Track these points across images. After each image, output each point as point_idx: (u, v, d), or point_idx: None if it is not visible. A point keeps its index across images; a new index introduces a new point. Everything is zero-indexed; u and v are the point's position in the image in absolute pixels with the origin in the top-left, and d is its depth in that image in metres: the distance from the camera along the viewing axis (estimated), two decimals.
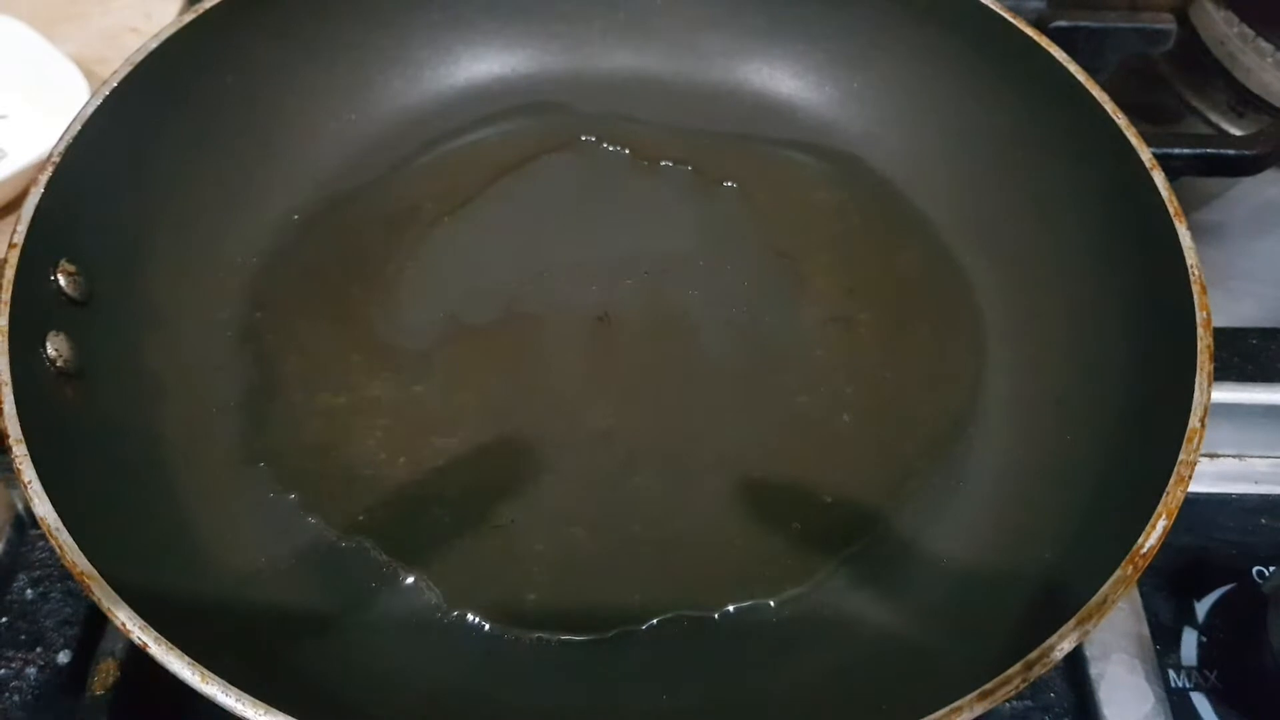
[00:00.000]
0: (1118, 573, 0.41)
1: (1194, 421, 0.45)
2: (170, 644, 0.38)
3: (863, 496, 0.53)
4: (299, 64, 0.64)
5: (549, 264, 0.62)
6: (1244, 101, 0.79)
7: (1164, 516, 0.42)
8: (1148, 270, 0.52)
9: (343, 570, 0.50)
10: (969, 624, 0.46)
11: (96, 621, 0.52)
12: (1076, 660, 0.52)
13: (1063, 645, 0.39)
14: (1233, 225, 0.75)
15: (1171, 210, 0.51)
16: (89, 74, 0.74)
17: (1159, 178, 0.52)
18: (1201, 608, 0.55)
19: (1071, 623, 0.40)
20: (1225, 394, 0.60)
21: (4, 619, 0.53)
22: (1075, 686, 0.52)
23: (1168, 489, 0.43)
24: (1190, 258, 0.50)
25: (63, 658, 0.52)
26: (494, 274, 0.61)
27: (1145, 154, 0.53)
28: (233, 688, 0.37)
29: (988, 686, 0.38)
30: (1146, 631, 0.53)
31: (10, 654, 0.52)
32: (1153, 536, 0.42)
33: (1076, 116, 0.57)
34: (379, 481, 0.53)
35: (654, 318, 0.59)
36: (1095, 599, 0.40)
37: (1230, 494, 0.60)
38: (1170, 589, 0.56)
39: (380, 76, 0.67)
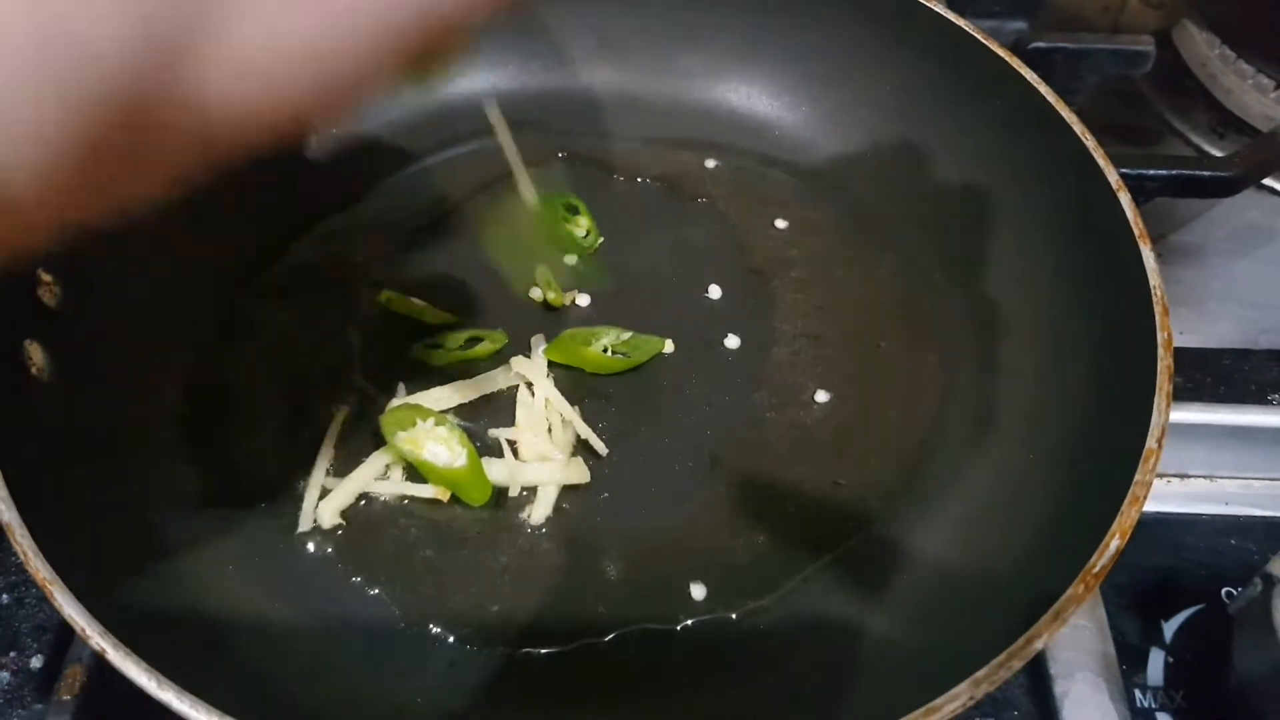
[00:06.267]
0: (1069, 591, 0.41)
1: (1151, 442, 0.45)
2: (128, 649, 0.39)
3: (827, 512, 0.53)
4: None
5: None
6: (1224, 123, 0.80)
7: (1117, 536, 0.42)
8: (1113, 291, 0.52)
9: (308, 582, 0.50)
10: (922, 643, 0.47)
11: (70, 627, 0.52)
12: (1041, 678, 0.52)
13: (1011, 664, 0.39)
14: (1211, 246, 0.75)
15: (1136, 232, 0.51)
16: None
17: (1124, 199, 0.53)
18: (1169, 628, 0.56)
19: (1020, 642, 0.40)
20: (1196, 414, 0.60)
21: None
22: (1039, 704, 0.52)
23: (1122, 509, 0.43)
24: (1153, 279, 0.50)
25: (36, 662, 0.53)
26: (471, 288, 0.62)
27: (1112, 175, 0.54)
28: (187, 694, 0.38)
29: (936, 703, 0.38)
30: (1112, 651, 0.53)
31: None
32: (1105, 556, 0.42)
33: (1047, 138, 0.57)
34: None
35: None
36: (1046, 617, 0.40)
37: (1200, 514, 0.60)
38: (1138, 609, 0.56)
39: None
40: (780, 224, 0.65)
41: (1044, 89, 0.58)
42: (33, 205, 0.23)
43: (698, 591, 0.51)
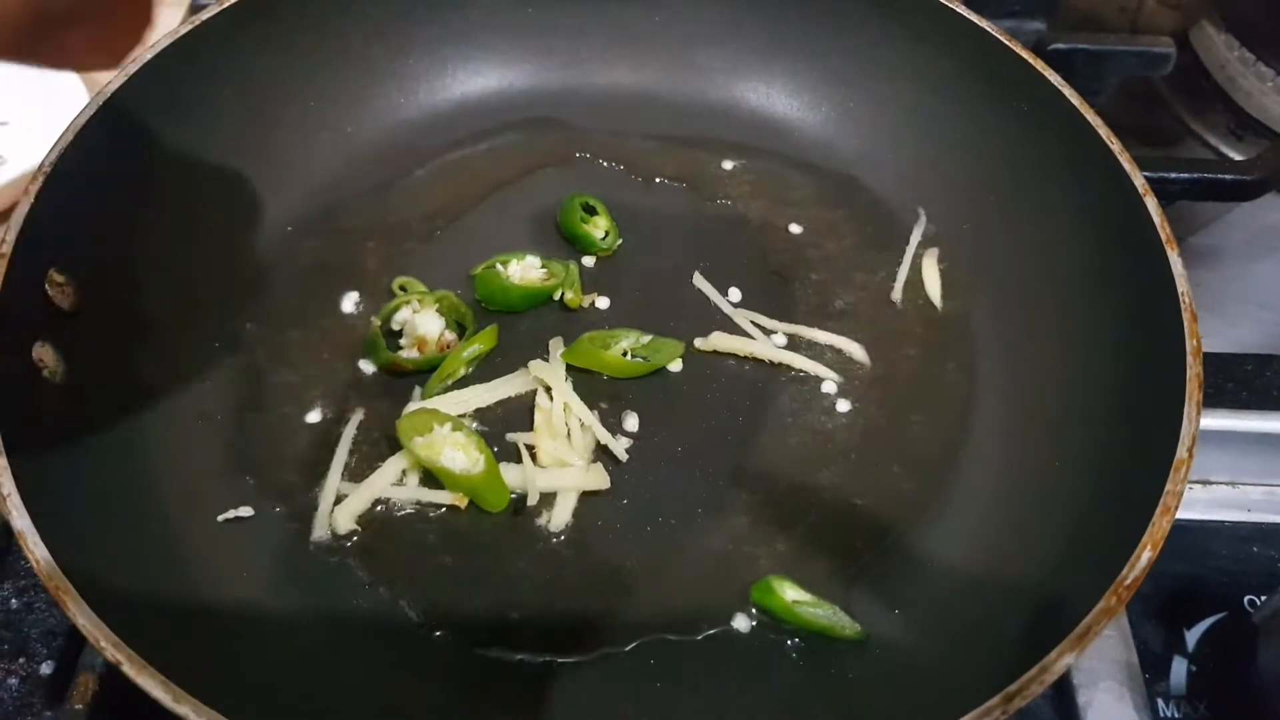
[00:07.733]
0: (1100, 604, 0.40)
1: (1181, 451, 0.44)
2: (144, 662, 0.38)
3: (849, 521, 0.53)
4: (296, 76, 0.64)
5: None
6: (1243, 125, 0.79)
7: (1149, 548, 0.42)
8: (1140, 296, 0.52)
9: (325, 586, 0.50)
10: (946, 655, 0.46)
11: (80, 633, 0.52)
12: (1064, 688, 0.52)
13: (1044, 678, 0.39)
14: (1231, 249, 0.74)
15: (1164, 237, 0.51)
16: (91, 82, 0.74)
17: (1151, 203, 0.52)
18: (1192, 636, 0.55)
19: (1053, 655, 0.39)
20: (1219, 420, 0.59)
21: None
22: (1062, 714, 0.52)
23: (1153, 520, 0.42)
24: (1181, 285, 0.49)
25: (46, 668, 0.52)
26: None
27: (1138, 179, 0.53)
28: (205, 708, 0.37)
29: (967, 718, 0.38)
30: (1135, 660, 0.53)
31: None
32: (1136, 568, 0.41)
33: (1071, 140, 0.57)
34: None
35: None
36: (1077, 630, 0.40)
37: (1223, 521, 0.59)
38: (1160, 617, 0.55)
39: (378, 90, 0.67)
40: (800, 226, 0.64)
41: (1068, 91, 0.57)
42: None
43: (716, 601, 0.50)
